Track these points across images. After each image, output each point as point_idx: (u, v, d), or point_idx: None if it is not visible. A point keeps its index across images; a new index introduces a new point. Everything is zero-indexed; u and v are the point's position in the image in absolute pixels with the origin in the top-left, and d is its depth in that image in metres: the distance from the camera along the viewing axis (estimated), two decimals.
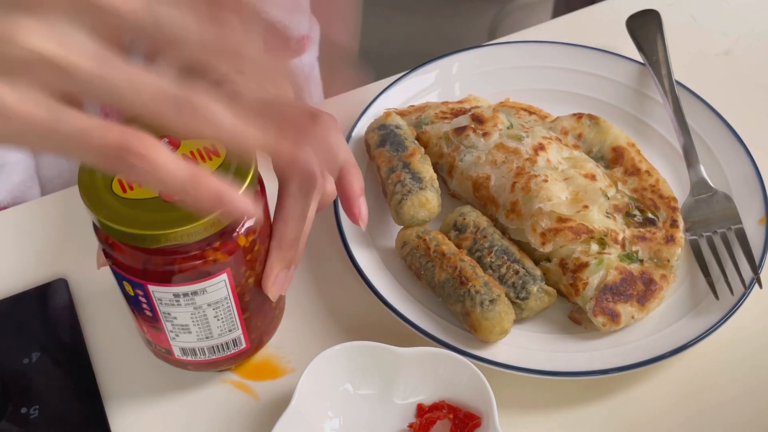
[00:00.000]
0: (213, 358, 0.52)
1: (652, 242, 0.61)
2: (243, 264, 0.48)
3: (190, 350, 0.52)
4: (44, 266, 0.64)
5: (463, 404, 0.53)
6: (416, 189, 0.61)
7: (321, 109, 0.49)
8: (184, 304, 0.47)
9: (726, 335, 0.59)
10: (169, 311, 0.48)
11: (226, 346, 0.52)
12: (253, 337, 0.53)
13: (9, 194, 0.74)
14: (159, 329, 0.50)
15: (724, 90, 0.75)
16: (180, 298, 0.47)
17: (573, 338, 0.59)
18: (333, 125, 0.48)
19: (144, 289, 0.47)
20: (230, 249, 0.46)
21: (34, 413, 0.56)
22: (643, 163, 0.66)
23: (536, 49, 0.76)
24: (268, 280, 0.50)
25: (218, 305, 0.48)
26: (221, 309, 0.49)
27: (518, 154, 0.64)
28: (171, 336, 0.50)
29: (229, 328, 0.51)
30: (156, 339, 0.52)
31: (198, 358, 0.52)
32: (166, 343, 0.51)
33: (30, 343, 0.59)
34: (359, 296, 0.62)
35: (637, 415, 0.56)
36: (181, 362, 0.53)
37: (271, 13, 0.66)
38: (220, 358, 0.53)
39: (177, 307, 0.48)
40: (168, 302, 0.47)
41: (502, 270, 0.59)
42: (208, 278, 0.46)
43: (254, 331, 0.53)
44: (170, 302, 0.47)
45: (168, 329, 0.50)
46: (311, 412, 0.52)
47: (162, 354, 0.53)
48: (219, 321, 0.50)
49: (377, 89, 0.73)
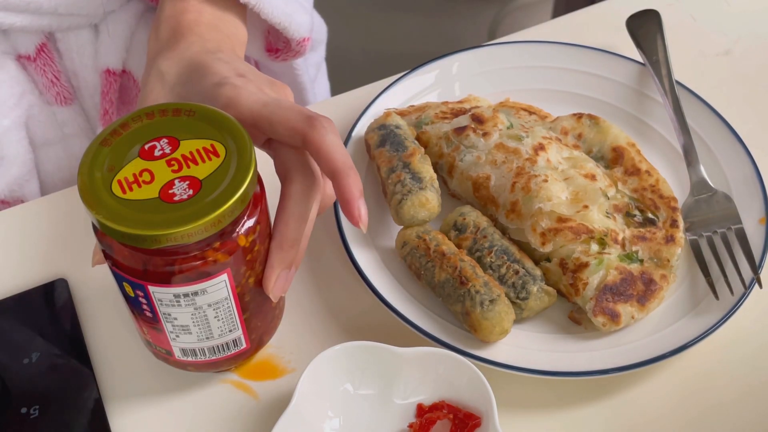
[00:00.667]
0: (213, 358, 0.52)
1: (652, 242, 0.61)
2: (243, 264, 0.48)
3: (191, 351, 0.51)
4: (44, 266, 0.64)
5: (463, 404, 0.53)
6: (416, 189, 0.61)
7: (318, 113, 0.49)
8: (185, 304, 0.47)
9: (726, 335, 0.59)
10: (170, 312, 0.48)
11: (226, 346, 0.52)
12: (254, 337, 0.53)
13: (7, 187, 0.74)
14: (159, 330, 0.50)
15: (724, 90, 0.76)
16: (180, 298, 0.47)
17: (573, 338, 0.59)
18: (330, 128, 0.48)
19: (144, 290, 0.47)
20: (230, 249, 0.46)
21: (34, 413, 0.56)
22: (643, 163, 0.66)
23: (536, 49, 0.76)
24: (268, 281, 0.50)
25: (218, 305, 0.48)
26: (221, 309, 0.49)
27: (518, 154, 0.64)
28: (171, 337, 0.50)
29: (230, 329, 0.51)
30: (156, 340, 0.52)
31: (198, 358, 0.52)
32: (166, 343, 0.51)
33: (30, 343, 0.59)
34: (359, 296, 0.62)
35: (637, 415, 0.56)
36: (182, 363, 0.53)
37: (272, 14, 0.66)
38: (221, 359, 0.53)
39: (177, 307, 0.48)
40: (168, 303, 0.47)
41: (502, 270, 0.59)
42: (208, 278, 0.46)
43: (254, 331, 0.53)
44: (170, 303, 0.47)
45: (168, 330, 0.50)
46: (311, 412, 0.52)
47: (162, 355, 0.53)
48: (219, 321, 0.50)
49: (377, 89, 0.73)
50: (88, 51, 0.74)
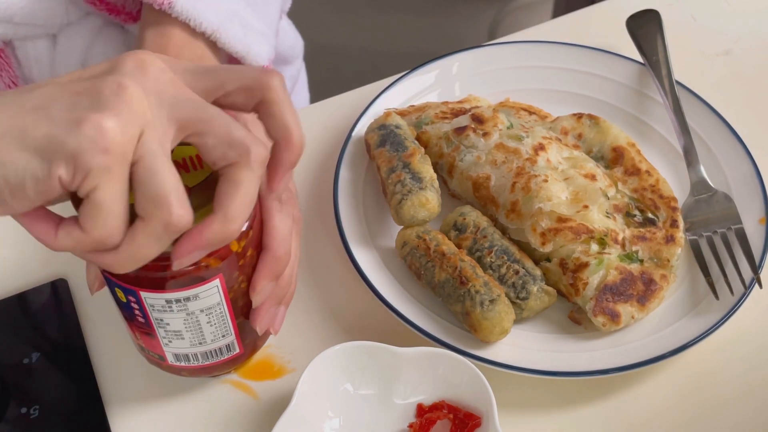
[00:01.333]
0: (206, 363, 0.52)
1: (652, 242, 0.61)
2: (236, 269, 0.47)
3: (183, 356, 0.51)
4: (44, 266, 0.64)
5: (463, 404, 0.53)
6: (416, 189, 0.61)
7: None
8: (177, 310, 0.47)
9: (726, 335, 0.59)
10: (162, 317, 0.48)
11: (219, 351, 0.52)
12: (247, 342, 0.53)
13: None
14: (152, 335, 0.50)
15: (724, 90, 0.76)
16: (172, 304, 0.47)
17: (573, 338, 0.59)
18: (283, 82, 0.46)
19: (136, 296, 0.47)
20: (222, 254, 0.46)
21: (34, 413, 0.56)
22: (643, 163, 0.66)
23: (536, 49, 0.76)
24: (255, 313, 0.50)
25: (211, 311, 0.48)
26: (214, 315, 0.49)
27: (518, 154, 0.64)
28: (164, 342, 0.50)
29: (222, 334, 0.50)
30: (149, 345, 0.51)
31: (191, 363, 0.52)
32: (158, 348, 0.51)
33: (30, 343, 0.59)
34: (359, 296, 0.62)
35: (637, 415, 0.56)
36: (175, 368, 0.53)
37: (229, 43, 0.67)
38: (214, 364, 0.53)
39: (170, 313, 0.47)
40: (160, 308, 0.47)
41: (502, 270, 0.59)
42: (200, 284, 0.46)
43: (248, 336, 0.53)
44: (163, 308, 0.47)
45: (161, 335, 0.50)
46: (311, 412, 0.52)
47: (155, 360, 0.53)
48: (212, 327, 0.49)
49: (377, 89, 0.73)
50: (45, 60, 0.74)
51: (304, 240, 0.65)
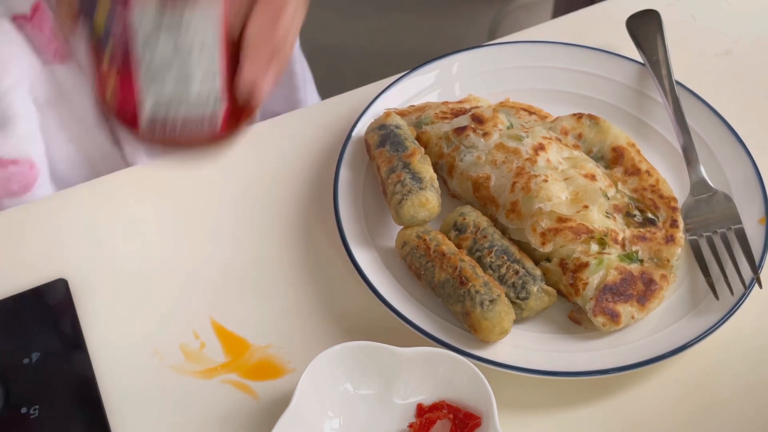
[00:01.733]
0: (186, 128, 0.46)
1: (652, 242, 0.61)
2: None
3: (163, 110, 0.46)
4: (44, 266, 0.64)
5: (463, 404, 0.53)
6: (416, 189, 0.61)
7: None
8: (166, 32, 0.43)
9: (726, 335, 0.59)
10: (149, 42, 0.43)
11: (204, 103, 0.46)
12: (235, 104, 0.48)
13: (15, 147, 0.74)
14: (130, 76, 0.44)
15: (724, 90, 0.75)
16: (163, 18, 0.42)
17: (573, 338, 0.59)
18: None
19: (122, 14, 0.42)
20: None
21: (34, 413, 0.56)
22: (643, 163, 0.66)
23: (536, 49, 0.76)
24: (245, 57, 0.47)
25: (204, 38, 0.44)
26: (206, 46, 0.44)
27: (518, 154, 0.64)
28: (144, 84, 0.45)
29: (212, 73, 0.46)
30: (124, 93, 0.45)
31: (168, 126, 0.46)
32: (134, 97, 0.45)
33: (30, 343, 0.59)
34: (359, 296, 0.62)
35: (637, 415, 0.56)
36: (149, 138, 0.47)
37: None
38: (193, 131, 0.47)
39: (156, 40, 0.43)
40: (149, 28, 0.43)
41: (502, 270, 0.59)
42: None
43: (237, 89, 0.47)
44: (151, 29, 0.43)
45: (143, 72, 0.44)
46: (311, 412, 0.52)
47: (128, 122, 0.46)
48: (202, 60, 0.45)
49: (377, 89, 0.73)
50: None
51: (304, 240, 0.65)
